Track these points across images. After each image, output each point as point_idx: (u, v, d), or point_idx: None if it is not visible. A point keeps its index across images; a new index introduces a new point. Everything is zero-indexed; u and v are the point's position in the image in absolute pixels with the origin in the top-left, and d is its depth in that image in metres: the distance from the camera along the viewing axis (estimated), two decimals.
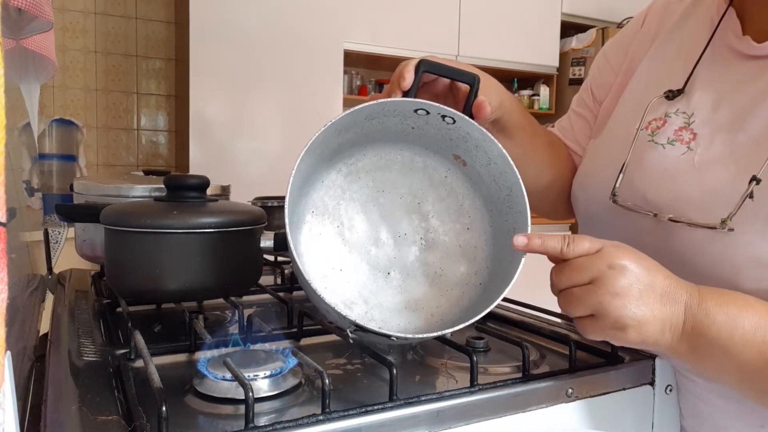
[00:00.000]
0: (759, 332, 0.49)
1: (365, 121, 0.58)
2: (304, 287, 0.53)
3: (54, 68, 0.95)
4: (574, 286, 0.51)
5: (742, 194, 0.55)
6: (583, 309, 0.51)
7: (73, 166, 2.26)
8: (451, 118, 0.58)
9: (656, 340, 0.51)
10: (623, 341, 0.51)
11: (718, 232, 0.55)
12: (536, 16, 3.21)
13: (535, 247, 0.52)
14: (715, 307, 0.50)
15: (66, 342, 0.61)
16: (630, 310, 0.49)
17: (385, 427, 0.46)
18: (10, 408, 0.34)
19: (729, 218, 0.55)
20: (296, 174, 0.52)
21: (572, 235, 0.52)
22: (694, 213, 0.58)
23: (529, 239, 0.52)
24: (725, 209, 0.56)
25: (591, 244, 0.51)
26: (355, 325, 0.49)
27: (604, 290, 0.49)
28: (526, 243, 0.52)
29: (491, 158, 0.60)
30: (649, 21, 0.78)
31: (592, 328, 0.51)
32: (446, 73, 0.61)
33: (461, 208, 0.65)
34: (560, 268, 0.52)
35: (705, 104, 0.64)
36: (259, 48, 2.47)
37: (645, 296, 0.49)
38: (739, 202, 0.55)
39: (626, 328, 0.49)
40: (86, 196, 0.88)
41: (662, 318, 0.50)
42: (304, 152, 0.52)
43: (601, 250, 0.51)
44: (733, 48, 0.64)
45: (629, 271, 0.49)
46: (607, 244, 0.51)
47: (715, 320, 0.50)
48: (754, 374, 0.50)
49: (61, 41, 2.63)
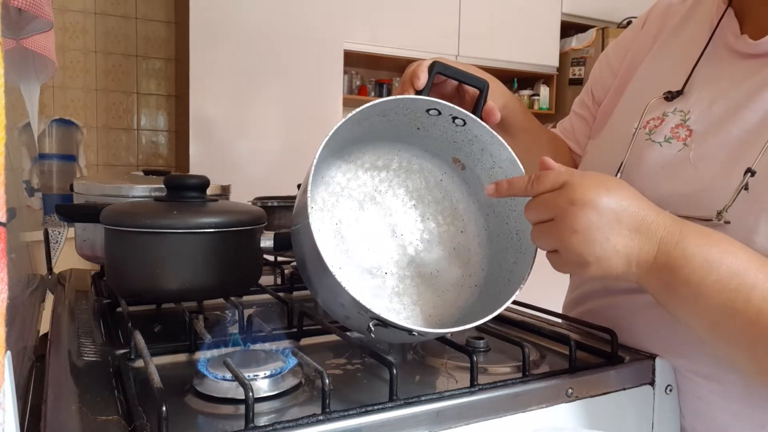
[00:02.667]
0: (734, 280, 0.48)
1: (377, 117, 0.58)
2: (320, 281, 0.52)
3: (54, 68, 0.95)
4: (540, 222, 0.52)
5: (735, 187, 0.55)
6: (547, 244, 0.52)
7: (73, 166, 2.26)
8: (461, 120, 0.58)
9: (622, 272, 0.51)
10: (587, 275, 0.51)
11: (714, 225, 0.56)
12: (536, 16, 3.21)
13: (503, 191, 0.53)
14: (695, 247, 0.49)
15: (66, 342, 0.61)
16: (590, 247, 0.49)
17: (385, 427, 0.46)
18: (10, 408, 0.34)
19: (725, 210, 0.55)
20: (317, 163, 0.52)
21: (537, 174, 0.52)
22: (690, 208, 0.59)
23: (497, 185, 0.53)
24: (719, 202, 0.56)
25: (556, 178, 0.51)
26: (377, 319, 0.48)
27: (563, 227, 0.49)
28: (494, 189, 0.54)
29: (496, 162, 0.60)
30: (649, 23, 0.79)
31: (557, 262, 0.52)
32: (458, 77, 0.61)
33: (455, 212, 0.66)
34: (529, 205, 0.53)
35: (702, 102, 0.64)
36: (259, 48, 2.47)
37: (607, 231, 0.48)
38: (734, 194, 0.55)
39: (587, 264, 0.50)
40: (86, 196, 0.88)
41: (627, 253, 0.49)
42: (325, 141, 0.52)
43: (564, 184, 0.50)
44: (730, 47, 0.65)
45: (592, 205, 0.48)
46: (573, 178, 0.50)
47: (690, 261, 0.49)
48: (722, 320, 0.49)
49: (61, 41, 2.63)
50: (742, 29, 0.65)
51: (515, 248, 0.60)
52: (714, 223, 0.56)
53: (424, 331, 0.49)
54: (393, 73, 3.25)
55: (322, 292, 0.54)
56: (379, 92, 3.16)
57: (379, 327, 0.49)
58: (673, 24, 0.75)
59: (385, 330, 0.49)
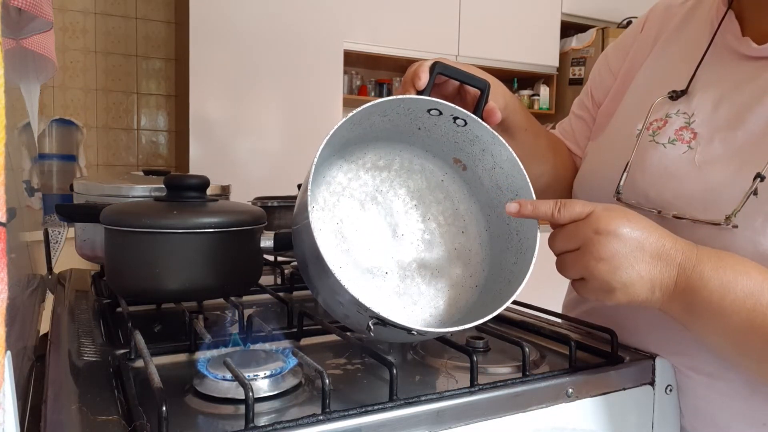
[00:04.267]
0: (750, 299, 0.50)
1: (378, 117, 0.58)
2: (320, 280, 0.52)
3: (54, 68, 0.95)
4: (566, 252, 0.53)
5: (742, 191, 0.56)
6: (573, 273, 0.53)
7: (73, 166, 2.26)
8: (462, 120, 0.58)
9: (646, 299, 0.52)
10: (613, 301, 0.53)
11: (722, 228, 0.56)
12: (536, 16, 3.21)
13: (527, 212, 0.54)
14: (711, 270, 0.51)
15: (66, 342, 0.61)
16: (616, 274, 0.50)
17: (385, 427, 0.46)
18: (10, 408, 0.34)
19: (733, 214, 0.56)
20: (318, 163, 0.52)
21: (564, 200, 0.54)
22: (695, 211, 0.59)
23: (521, 205, 0.54)
24: (726, 206, 0.56)
25: (582, 208, 0.53)
26: (376, 317, 0.48)
27: (589, 256, 0.51)
28: (518, 209, 0.54)
29: (497, 162, 0.60)
30: (649, 25, 0.79)
31: (584, 289, 0.54)
32: (459, 77, 0.61)
33: (456, 212, 0.66)
34: (553, 235, 0.54)
35: (705, 104, 0.64)
36: (259, 48, 2.47)
37: (632, 259, 0.50)
38: (744, 198, 0.56)
39: (613, 290, 0.51)
40: (86, 196, 0.88)
41: (651, 279, 0.51)
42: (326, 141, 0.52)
43: (590, 215, 0.52)
44: (733, 49, 0.65)
45: (616, 235, 0.50)
46: (597, 208, 0.52)
47: (708, 284, 0.51)
48: (741, 339, 0.51)
49: (61, 41, 2.63)
50: (743, 32, 0.65)
51: (516, 249, 0.60)
52: (722, 227, 0.56)
53: (424, 330, 0.49)
54: (393, 73, 3.25)
55: (322, 292, 0.54)
56: (380, 92, 3.16)
57: (378, 326, 0.49)
58: (673, 25, 0.75)
59: (385, 329, 0.49)
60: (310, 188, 0.50)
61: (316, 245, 0.48)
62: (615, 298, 0.52)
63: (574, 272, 0.53)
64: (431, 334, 0.53)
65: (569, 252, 0.53)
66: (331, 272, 0.47)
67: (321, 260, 0.48)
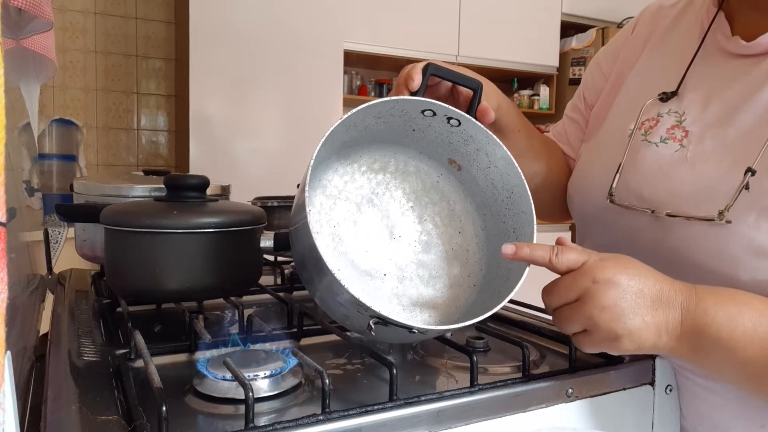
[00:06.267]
0: (759, 329, 0.49)
1: (373, 119, 0.58)
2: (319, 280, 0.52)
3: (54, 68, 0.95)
4: (564, 304, 0.52)
5: (735, 187, 0.56)
6: (575, 326, 0.51)
7: (73, 166, 2.26)
8: (456, 120, 0.58)
9: (653, 344, 0.51)
10: (620, 351, 0.51)
11: (715, 225, 0.56)
12: (536, 16, 3.21)
13: (523, 255, 0.52)
14: (714, 305, 0.50)
15: (66, 342, 0.61)
16: (620, 321, 0.49)
17: (385, 427, 0.46)
18: (10, 408, 0.34)
19: (726, 209, 0.56)
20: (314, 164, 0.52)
21: (560, 246, 0.53)
22: (688, 208, 0.59)
23: (517, 248, 0.52)
24: (720, 202, 0.56)
25: (578, 256, 0.52)
26: (377, 317, 0.48)
27: (591, 305, 0.49)
28: (514, 251, 0.52)
29: (492, 161, 0.60)
30: (639, 27, 0.80)
31: (587, 342, 0.52)
32: (451, 78, 0.61)
33: (453, 212, 0.66)
34: (549, 289, 0.53)
35: (696, 103, 0.65)
36: (259, 48, 2.47)
37: (634, 305, 0.49)
38: (735, 193, 0.56)
39: (619, 338, 0.50)
40: (86, 196, 0.88)
41: (656, 323, 0.50)
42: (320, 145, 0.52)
43: (584, 264, 0.51)
44: (722, 48, 0.66)
45: (615, 283, 0.49)
46: (591, 259, 0.51)
47: (715, 319, 0.50)
48: (758, 370, 0.50)
49: (61, 41, 2.63)
50: (733, 31, 0.66)
51: None
52: (716, 222, 0.56)
53: (424, 328, 0.49)
54: (393, 73, 3.25)
55: (321, 292, 0.54)
56: (379, 92, 3.16)
57: (379, 325, 0.49)
58: (664, 27, 0.75)
59: (385, 328, 0.49)
60: (307, 188, 0.50)
61: (314, 244, 0.48)
62: (621, 346, 0.50)
63: (577, 324, 0.51)
64: (432, 332, 0.53)
65: (568, 305, 0.51)
66: (329, 271, 0.47)
67: (319, 259, 0.48)
